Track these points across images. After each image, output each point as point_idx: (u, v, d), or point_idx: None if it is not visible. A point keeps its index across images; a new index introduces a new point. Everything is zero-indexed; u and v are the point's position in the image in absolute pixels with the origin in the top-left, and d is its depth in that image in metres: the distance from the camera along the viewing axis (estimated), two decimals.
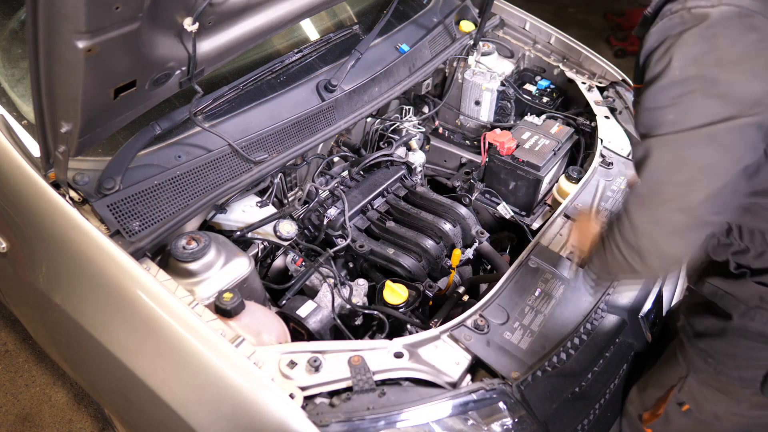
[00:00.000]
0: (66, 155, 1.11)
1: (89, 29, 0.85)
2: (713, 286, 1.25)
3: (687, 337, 1.35)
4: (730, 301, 1.22)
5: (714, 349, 1.27)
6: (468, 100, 2.26)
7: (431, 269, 1.66)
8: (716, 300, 1.26)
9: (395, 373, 1.24)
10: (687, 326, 1.35)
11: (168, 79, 1.16)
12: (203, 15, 1.04)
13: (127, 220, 1.31)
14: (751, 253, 1.15)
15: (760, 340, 1.19)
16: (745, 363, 1.23)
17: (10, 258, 1.41)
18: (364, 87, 1.84)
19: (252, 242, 1.69)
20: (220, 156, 1.50)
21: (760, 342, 1.19)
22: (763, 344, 1.19)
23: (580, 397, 1.42)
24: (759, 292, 1.15)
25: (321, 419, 1.07)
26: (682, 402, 1.38)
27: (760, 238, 1.12)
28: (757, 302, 1.16)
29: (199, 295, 1.34)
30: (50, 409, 2.18)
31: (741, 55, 0.82)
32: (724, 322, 1.23)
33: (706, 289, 1.28)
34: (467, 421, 1.17)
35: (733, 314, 1.21)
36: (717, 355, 1.27)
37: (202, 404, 1.09)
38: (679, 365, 1.38)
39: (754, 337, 1.19)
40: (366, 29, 1.99)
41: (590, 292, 1.45)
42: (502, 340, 1.35)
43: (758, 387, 1.22)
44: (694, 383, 1.35)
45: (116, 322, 1.18)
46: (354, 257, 1.68)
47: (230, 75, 1.67)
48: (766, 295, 1.15)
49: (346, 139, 2.08)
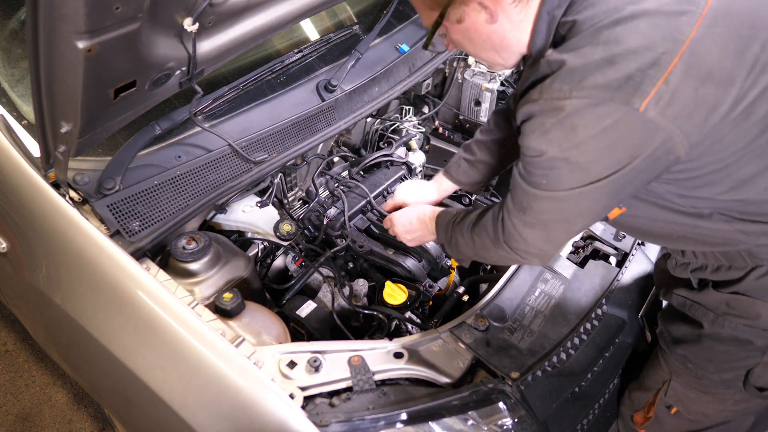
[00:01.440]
0: (66, 155, 1.11)
1: (89, 29, 0.84)
2: (681, 297, 1.28)
3: (666, 344, 1.36)
4: (698, 310, 1.23)
5: (692, 354, 1.28)
6: (468, 100, 2.26)
7: (431, 269, 1.66)
8: (686, 310, 1.27)
9: (395, 373, 1.24)
10: (665, 332, 1.36)
11: (168, 79, 1.16)
12: (203, 15, 1.04)
13: (127, 220, 1.31)
14: (708, 269, 1.19)
15: (734, 344, 1.19)
16: (724, 365, 1.23)
17: (10, 258, 1.41)
18: (364, 87, 1.84)
19: (252, 242, 1.69)
20: (220, 156, 1.50)
21: (735, 345, 1.19)
22: (737, 347, 1.19)
23: (580, 397, 1.42)
24: (725, 299, 1.17)
25: (321, 419, 1.07)
26: (670, 405, 1.39)
27: (711, 256, 1.16)
28: (725, 309, 1.17)
29: (199, 295, 1.34)
30: (50, 409, 2.18)
31: (598, 139, 0.89)
32: (697, 329, 1.24)
33: (675, 300, 1.31)
34: (467, 421, 1.17)
35: (703, 323, 1.22)
36: (696, 360, 1.27)
37: (202, 404, 1.09)
38: (662, 369, 1.38)
39: (728, 342, 1.20)
40: (366, 29, 1.99)
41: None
42: (502, 340, 1.35)
43: (740, 386, 1.23)
44: (678, 386, 1.35)
45: (116, 322, 1.18)
46: (354, 257, 1.68)
47: (230, 75, 1.67)
48: (732, 302, 1.16)
49: (346, 139, 2.08)
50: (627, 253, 1.68)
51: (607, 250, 1.70)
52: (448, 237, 1.30)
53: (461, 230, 1.24)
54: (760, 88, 0.89)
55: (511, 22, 1.01)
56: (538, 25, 0.98)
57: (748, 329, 1.16)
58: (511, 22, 1.01)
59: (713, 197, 1.01)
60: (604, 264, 1.62)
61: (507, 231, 1.09)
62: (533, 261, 1.13)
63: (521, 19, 1.00)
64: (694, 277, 1.23)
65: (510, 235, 1.09)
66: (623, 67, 0.85)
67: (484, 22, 1.01)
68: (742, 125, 0.91)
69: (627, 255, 1.67)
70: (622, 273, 1.60)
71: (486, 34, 1.03)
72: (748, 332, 1.16)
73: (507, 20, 1.01)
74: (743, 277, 1.13)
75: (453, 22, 1.03)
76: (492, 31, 1.02)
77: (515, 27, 1.01)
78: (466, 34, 1.05)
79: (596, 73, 0.86)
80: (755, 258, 1.10)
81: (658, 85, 0.84)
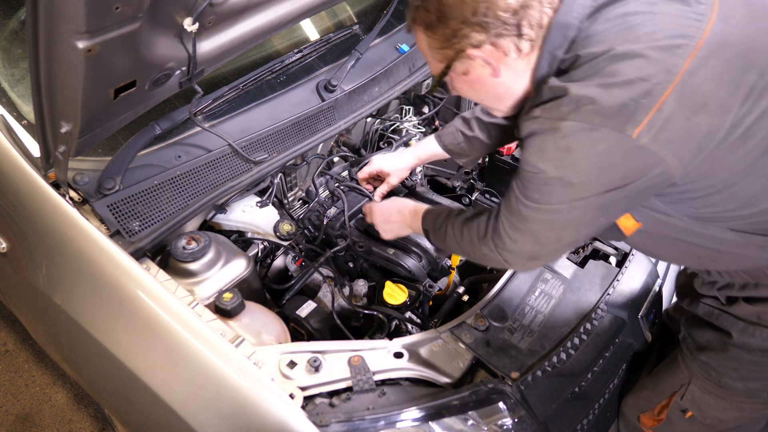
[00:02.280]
0: (66, 155, 1.11)
1: (89, 29, 0.84)
2: (708, 306, 1.28)
3: (689, 350, 1.35)
4: (727, 320, 1.23)
5: (717, 362, 1.27)
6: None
7: (431, 269, 1.66)
8: (713, 320, 1.27)
9: (395, 373, 1.24)
10: (688, 338, 1.35)
11: (168, 79, 1.16)
12: (203, 15, 1.04)
13: (127, 220, 1.31)
14: (735, 287, 1.20)
15: (763, 354, 1.19)
16: (751, 375, 1.23)
17: (10, 258, 1.41)
18: (364, 87, 1.84)
19: (252, 242, 1.69)
20: (220, 156, 1.50)
21: (763, 356, 1.19)
22: (766, 358, 1.19)
23: (580, 397, 1.42)
24: (756, 311, 1.17)
25: (321, 419, 1.07)
26: (685, 409, 1.38)
27: (736, 274, 1.17)
28: (755, 320, 1.18)
29: (199, 295, 1.34)
30: (50, 409, 2.18)
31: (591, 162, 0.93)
32: (725, 338, 1.24)
33: (701, 309, 1.30)
34: (467, 421, 1.17)
35: (732, 332, 1.22)
36: (720, 369, 1.27)
37: (202, 404, 1.09)
38: (681, 372, 1.38)
39: (756, 352, 1.19)
40: (366, 29, 1.99)
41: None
42: (502, 340, 1.35)
43: (765, 397, 1.23)
44: (696, 391, 1.35)
45: (116, 322, 1.18)
46: (354, 257, 1.68)
47: (230, 75, 1.67)
48: (764, 314, 1.16)
49: (346, 139, 2.08)
50: (627, 253, 1.68)
51: (607, 250, 1.70)
52: (437, 226, 1.33)
53: (454, 222, 1.27)
54: (757, 114, 0.92)
55: (515, 74, 1.05)
56: (540, 63, 1.03)
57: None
58: (515, 74, 1.05)
59: (722, 215, 1.04)
60: (604, 264, 1.62)
61: (497, 230, 1.12)
62: (515, 264, 1.16)
63: (524, 69, 1.05)
64: (722, 295, 1.24)
65: (499, 235, 1.12)
66: (618, 96, 0.89)
67: (489, 75, 1.06)
68: (742, 148, 0.94)
69: (627, 255, 1.67)
70: (622, 273, 1.60)
71: (490, 86, 1.09)
72: None
73: (510, 73, 1.05)
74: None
75: (459, 74, 1.09)
76: (496, 83, 1.07)
77: (518, 78, 1.06)
78: (471, 85, 1.11)
79: (593, 101, 0.90)
80: None
81: (651, 114, 0.88)
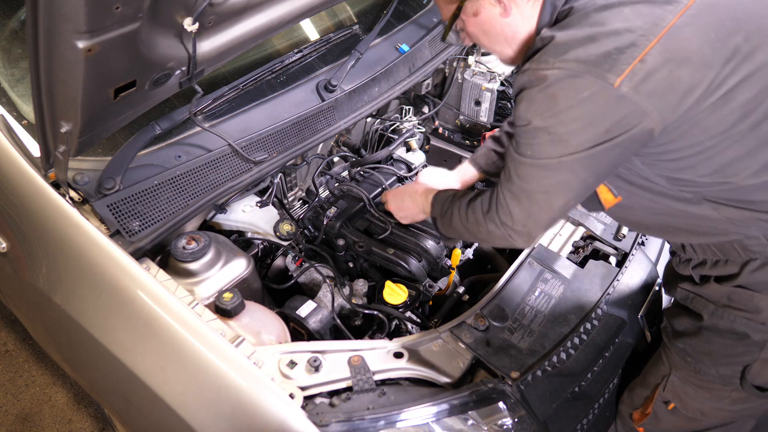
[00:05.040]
0: (66, 155, 1.11)
1: (89, 29, 0.84)
2: (684, 290, 1.32)
3: (668, 337, 1.38)
4: (699, 302, 1.27)
5: (692, 347, 1.30)
6: (468, 100, 2.26)
7: (431, 269, 1.66)
8: (688, 303, 1.31)
9: (395, 373, 1.24)
10: (668, 326, 1.39)
11: (168, 79, 1.16)
12: (203, 15, 1.04)
13: (127, 220, 1.31)
14: (707, 264, 1.24)
15: (731, 336, 1.21)
16: (722, 360, 1.25)
17: (10, 258, 1.41)
18: (364, 87, 1.84)
19: (252, 242, 1.69)
20: (220, 156, 1.50)
21: (733, 339, 1.21)
22: (735, 340, 1.21)
23: (580, 397, 1.42)
24: (726, 291, 1.20)
25: (321, 419, 1.07)
26: (667, 400, 1.41)
27: (709, 250, 1.21)
28: (725, 301, 1.21)
29: (199, 295, 1.34)
30: (50, 409, 2.18)
31: (575, 110, 0.97)
32: (698, 321, 1.27)
33: (678, 294, 1.35)
34: (467, 421, 1.17)
35: (703, 314, 1.26)
36: (695, 354, 1.29)
37: (202, 404, 1.09)
38: (663, 364, 1.40)
39: (726, 335, 1.22)
40: (366, 29, 1.99)
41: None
42: (502, 339, 1.35)
43: (737, 383, 1.24)
44: (676, 381, 1.37)
45: (116, 322, 1.18)
46: (354, 257, 1.68)
47: (230, 75, 1.67)
48: (733, 294, 1.19)
49: (346, 139, 2.08)
50: (627, 253, 1.68)
51: (607, 250, 1.70)
52: (443, 210, 1.35)
53: (459, 204, 1.29)
54: (740, 76, 0.96)
55: (523, 16, 1.11)
56: (542, 14, 1.10)
57: (745, 322, 1.18)
58: (523, 16, 1.11)
59: (697, 180, 1.07)
60: (604, 264, 1.62)
61: (499, 203, 1.16)
62: (517, 240, 1.18)
63: (530, 15, 1.11)
64: (696, 274, 1.27)
65: (501, 208, 1.15)
66: (603, 45, 0.93)
67: (499, 15, 1.11)
68: (721, 110, 0.97)
69: (627, 255, 1.67)
70: (622, 273, 1.60)
71: (500, 27, 1.14)
72: (746, 325, 1.18)
73: (519, 14, 1.11)
74: (739, 272, 1.17)
75: (470, 15, 1.14)
76: (505, 24, 1.13)
77: (526, 21, 1.12)
78: (481, 26, 1.15)
79: (578, 48, 0.95)
80: (748, 251, 1.14)
81: (633, 64, 0.92)
